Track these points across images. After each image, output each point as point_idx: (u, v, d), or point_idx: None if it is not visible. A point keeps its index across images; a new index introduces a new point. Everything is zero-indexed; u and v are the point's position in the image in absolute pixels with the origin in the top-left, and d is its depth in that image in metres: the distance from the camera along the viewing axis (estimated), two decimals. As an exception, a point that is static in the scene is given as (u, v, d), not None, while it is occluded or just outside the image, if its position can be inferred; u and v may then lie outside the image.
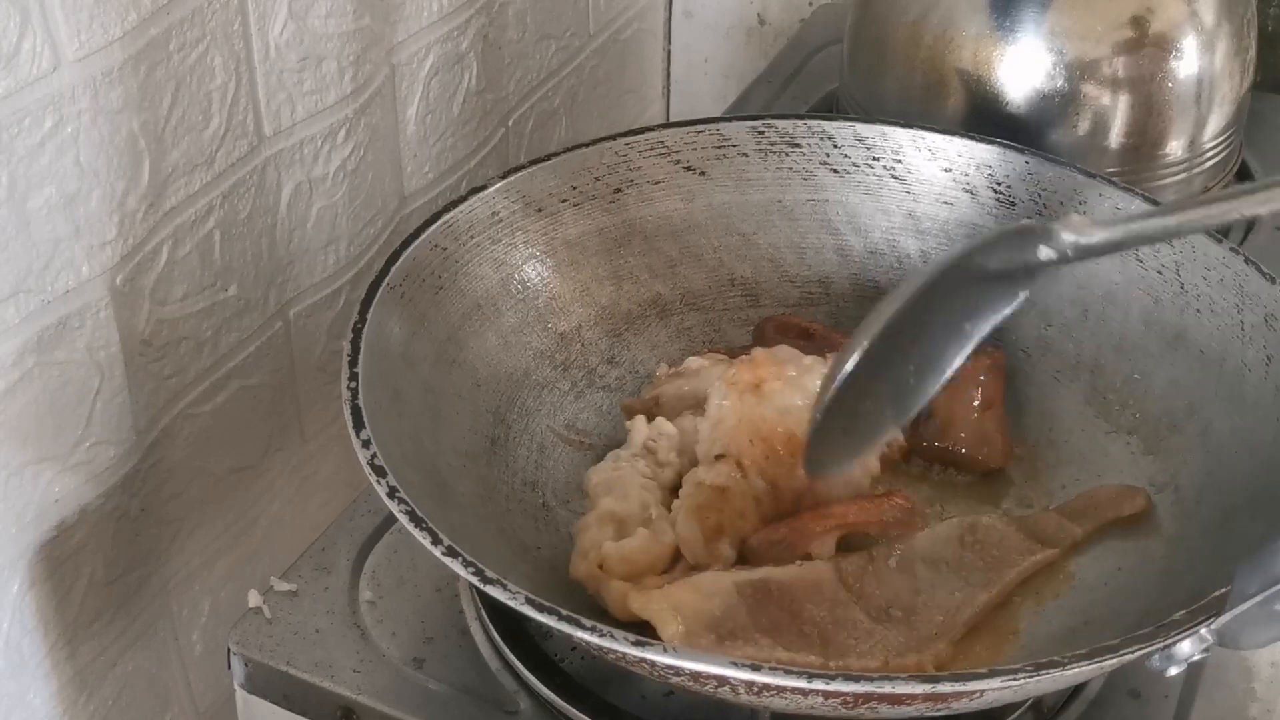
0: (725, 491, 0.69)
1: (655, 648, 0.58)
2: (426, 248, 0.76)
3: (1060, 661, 0.59)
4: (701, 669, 0.58)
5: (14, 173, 0.69)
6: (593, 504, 0.71)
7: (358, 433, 0.65)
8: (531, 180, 0.82)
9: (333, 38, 0.85)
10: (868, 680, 0.57)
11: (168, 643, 0.89)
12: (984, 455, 0.77)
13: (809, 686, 0.57)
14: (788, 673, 0.57)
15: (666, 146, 0.85)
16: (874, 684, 0.57)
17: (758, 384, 0.72)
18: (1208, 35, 0.94)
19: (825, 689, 0.57)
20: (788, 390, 0.72)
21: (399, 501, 0.62)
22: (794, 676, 0.57)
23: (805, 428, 0.68)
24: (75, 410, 0.76)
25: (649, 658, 0.58)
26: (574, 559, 0.70)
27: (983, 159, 0.85)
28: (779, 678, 0.57)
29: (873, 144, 0.86)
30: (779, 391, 0.71)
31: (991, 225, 0.84)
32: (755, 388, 0.72)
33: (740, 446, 0.70)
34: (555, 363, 0.81)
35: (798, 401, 0.71)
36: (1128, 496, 0.74)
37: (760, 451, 0.70)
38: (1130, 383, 0.79)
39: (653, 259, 0.85)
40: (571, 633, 0.58)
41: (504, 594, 0.59)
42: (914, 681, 0.57)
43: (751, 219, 0.86)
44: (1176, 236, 0.75)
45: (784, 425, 0.70)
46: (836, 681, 0.57)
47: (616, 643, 0.58)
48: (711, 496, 0.69)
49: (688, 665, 0.58)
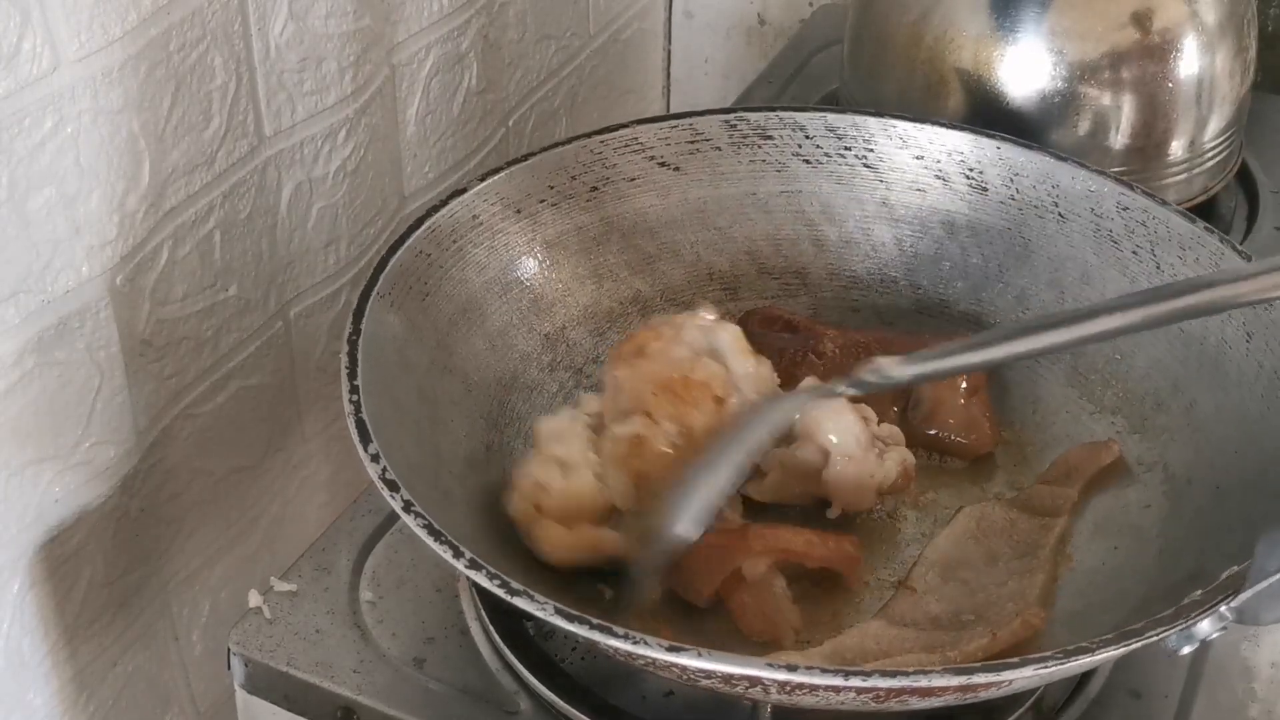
0: (641, 439, 0.71)
1: (689, 653, 0.58)
2: (411, 254, 0.76)
3: (1089, 647, 0.59)
4: (735, 671, 0.58)
5: (14, 173, 0.69)
6: (538, 450, 0.72)
7: (365, 446, 0.65)
8: (509, 181, 0.82)
9: (333, 38, 0.85)
10: (904, 675, 0.57)
11: (168, 643, 0.89)
12: (971, 440, 0.78)
13: (845, 684, 0.57)
14: (824, 671, 0.57)
15: (641, 143, 0.86)
16: (909, 679, 0.57)
17: (640, 349, 0.74)
18: (1208, 35, 0.94)
19: (861, 685, 0.57)
20: (670, 346, 0.74)
21: (415, 515, 0.62)
22: (829, 675, 0.57)
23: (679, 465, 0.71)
24: (75, 410, 0.76)
25: (682, 662, 0.58)
26: (512, 497, 0.71)
27: (954, 145, 0.85)
28: (814, 677, 0.57)
29: (844, 134, 0.86)
30: (662, 349, 0.74)
31: (966, 211, 0.85)
32: (639, 352, 0.74)
33: (644, 399, 0.72)
34: (542, 364, 0.81)
35: (683, 352, 0.74)
36: (1099, 449, 0.76)
37: (664, 399, 0.72)
38: (1112, 363, 0.79)
39: (631, 256, 0.85)
40: (603, 641, 0.58)
41: (533, 605, 0.59)
42: (948, 674, 0.57)
43: (727, 212, 0.87)
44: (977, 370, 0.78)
45: (677, 372, 0.72)
46: (873, 678, 0.57)
47: (650, 649, 0.58)
48: (630, 446, 0.71)
49: (721, 669, 0.58)
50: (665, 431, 0.71)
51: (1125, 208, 0.81)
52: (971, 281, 0.85)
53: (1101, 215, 0.82)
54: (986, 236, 0.85)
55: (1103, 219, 0.82)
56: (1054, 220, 0.83)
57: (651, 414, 0.72)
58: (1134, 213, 0.81)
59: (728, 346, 0.75)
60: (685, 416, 0.72)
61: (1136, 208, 0.81)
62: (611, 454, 0.71)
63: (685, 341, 0.75)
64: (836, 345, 0.80)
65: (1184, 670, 0.72)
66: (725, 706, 0.67)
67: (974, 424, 0.78)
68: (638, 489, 0.71)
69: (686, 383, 0.72)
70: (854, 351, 0.80)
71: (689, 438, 0.71)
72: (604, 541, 0.70)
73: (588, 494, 0.70)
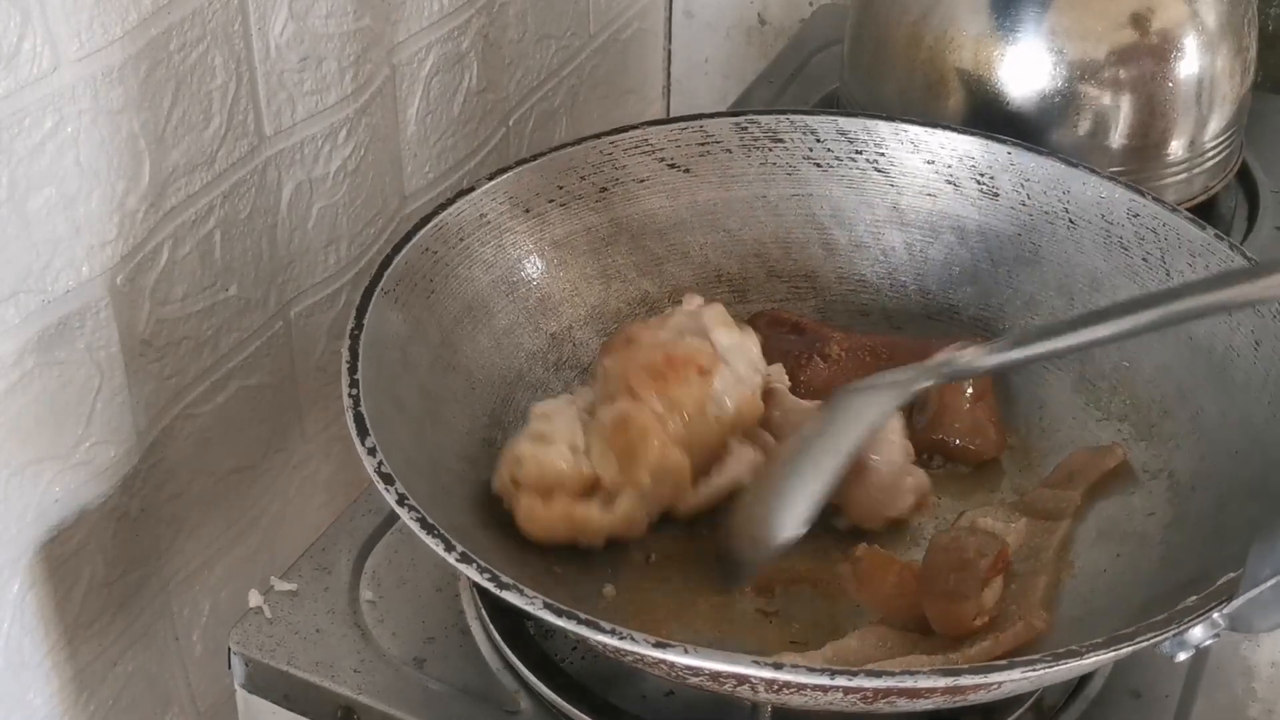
0: (626, 416, 0.71)
1: (675, 649, 0.58)
2: (417, 251, 0.76)
3: (1078, 651, 0.59)
4: (722, 669, 0.58)
5: (14, 173, 0.69)
6: (526, 428, 0.73)
7: (362, 440, 0.65)
8: (518, 181, 0.82)
9: (333, 38, 0.85)
10: (889, 675, 0.57)
11: (168, 643, 0.89)
12: (977, 445, 0.78)
13: (831, 684, 0.57)
14: (810, 670, 0.57)
15: (651, 144, 0.86)
16: (895, 679, 0.57)
17: (629, 338, 0.75)
18: (1208, 35, 0.94)
19: (847, 685, 0.57)
20: (657, 333, 0.75)
21: (409, 509, 0.62)
22: (816, 674, 0.57)
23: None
24: (75, 410, 0.76)
25: (669, 659, 0.58)
26: (496, 471, 0.72)
27: (965, 150, 0.85)
28: (800, 675, 0.57)
29: (855, 137, 0.86)
30: (649, 336, 0.74)
31: (976, 216, 0.85)
32: (628, 341, 0.74)
33: (630, 380, 0.72)
34: (548, 363, 0.81)
35: (667, 335, 0.74)
36: (1103, 454, 0.75)
37: (649, 376, 0.72)
38: (1119, 369, 0.79)
39: (640, 257, 0.85)
40: (591, 636, 0.58)
41: (521, 599, 0.59)
42: (935, 675, 0.57)
43: (736, 215, 0.87)
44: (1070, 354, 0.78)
45: (663, 352, 0.73)
46: (859, 678, 0.57)
47: (636, 645, 0.58)
48: (616, 424, 0.71)
49: (707, 665, 0.58)
50: (651, 409, 0.71)
51: (1136, 214, 0.81)
52: (981, 286, 0.85)
53: (1112, 222, 0.81)
54: (996, 242, 0.85)
55: (1113, 225, 0.81)
56: (1064, 226, 0.83)
57: (636, 393, 0.72)
58: (1144, 219, 0.81)
59: (710, 321, 0.75)
60: (669, 391, 0.72)
61: (1147, 214, 0.81)
62: (598, 433, 0.72)
63: (671, 326, 0.75)
64: (843, 348, 0.80)
65: (1184, 670, 0.72)
66: (725, 706, 0.67)
67: (980, 429, 0.78)
68: (625, 466, 0.71)
69: (669, 360, 0.72)
70: (860, 355, 0.80)
71: (676, 411, 0.72)
72: (584, 518, 0.70)
73: (561, 465, 0.70)
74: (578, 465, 0.71)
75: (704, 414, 0.72)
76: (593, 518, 0.70)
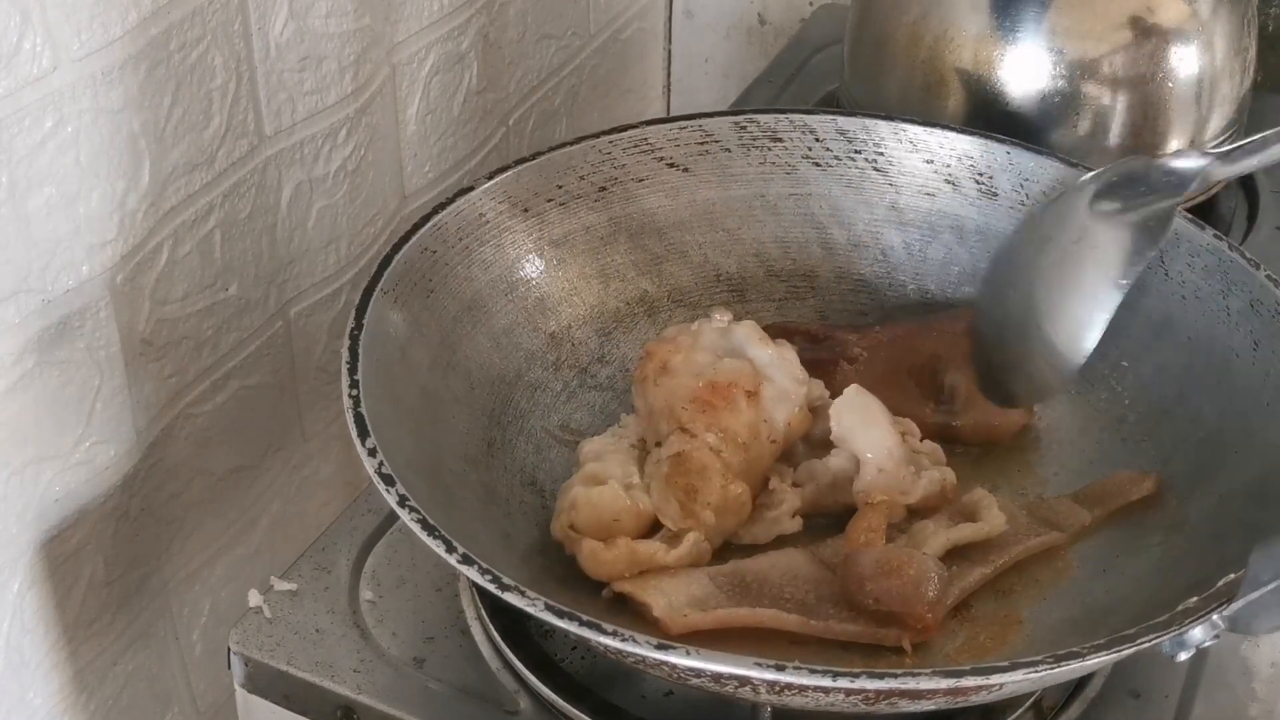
0: (683, 455, 0.71)
1: (677, 650, 0.58)
2: (416, 251, 0.76)
3: (1080, 652, 0.59)
4: (724, 670, 0.58)
5: (14, 173, 0.69)
6: (578, 470, 0.73)
7: (362, 441, 0.65)
8: (517, 181, 0.82)
9: (333, 37, 0.85)
10: (892, 677, 0.57)
11: (168, 642, 0.89)
12: (1008, 419, 0.79)
13: (833, 685, 0.57)
14: (812, 671, 0.57)
15: (650, 144, 0.86)
16: (898, 680, 0.57)
17: (664, 365, 0.74)
18: (1208, 35, 0.94)
19: (849, 687, 0.57)
20: (692, 355, 0.74)
21: (410, 510, 0.62)
22: (818, 675, 0.57)
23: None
24: (75, 410, 0.76)
25: (670, 660, 0.58)
26: (554, 518, 0.71)
27: (964, 150, 0.86)
28: (803, 677, 0.57)
29: (854, 137, 0.87)
30: (684, 361, 0.74)
31: (975, 216, 0.85)
32: (664, 369, 0.74)
33: (679, 415, 0.72)
34: (547, 363, 0.81)
35: (704, 358, 0.74)
36: (1137, 481, 0.75)
37: (698, 409, 0.72)
38: (1118, 370, 0.79)
39: (639, 256, 0.85)
40: (593, 638, 0.58)
41: (523, 601, 0.59)
42: (937, 677, 0.57)
43: (735, 214, 0.87)
44: None
45: (704, 380, 0.73)
46: (861, 680, 0.57)
47: (638, 646, 0.58)
48: (674, 464, 0.71)
49: (710, 667, 0.58)
50: (706, 441, 0.71)
51: None
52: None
53: None
54: (996, 241, 0.85)
55: None
56: None
57: (687, 428, 0.71)
58: None
59: (745, 339, 0.75)
60: (721, 420, 0.71)
61: None
62: (657, 474, 0.71)
63: (704, 347, 0.74)
64: (862, 347, 0.80)
65: (1184, 671, 0.72)
66: (725, 706, 0.67)
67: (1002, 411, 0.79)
68: (688, 506, 0.70)
69: (713, 388, 0.72)
70: (880, 350, 0.80)
71: (730, 441, 0.71)
72: (649, 557, 0.69)
73: (616, 505, 0.70)
74: (635, 504, 0.70)
75: (758, 437, 0.72)
76: (658, 557, 0.69)
